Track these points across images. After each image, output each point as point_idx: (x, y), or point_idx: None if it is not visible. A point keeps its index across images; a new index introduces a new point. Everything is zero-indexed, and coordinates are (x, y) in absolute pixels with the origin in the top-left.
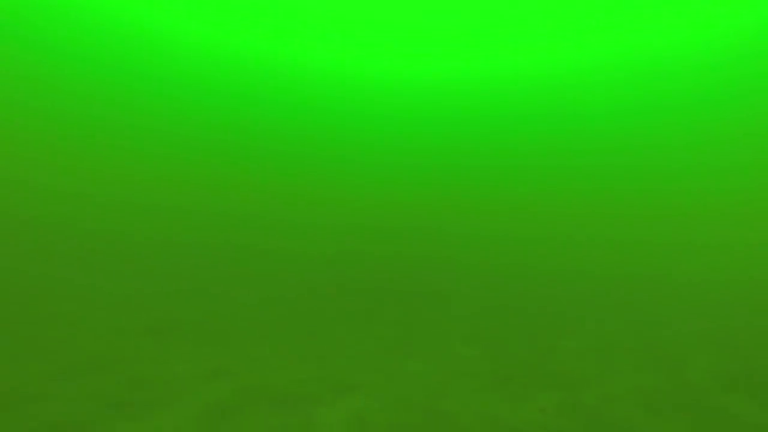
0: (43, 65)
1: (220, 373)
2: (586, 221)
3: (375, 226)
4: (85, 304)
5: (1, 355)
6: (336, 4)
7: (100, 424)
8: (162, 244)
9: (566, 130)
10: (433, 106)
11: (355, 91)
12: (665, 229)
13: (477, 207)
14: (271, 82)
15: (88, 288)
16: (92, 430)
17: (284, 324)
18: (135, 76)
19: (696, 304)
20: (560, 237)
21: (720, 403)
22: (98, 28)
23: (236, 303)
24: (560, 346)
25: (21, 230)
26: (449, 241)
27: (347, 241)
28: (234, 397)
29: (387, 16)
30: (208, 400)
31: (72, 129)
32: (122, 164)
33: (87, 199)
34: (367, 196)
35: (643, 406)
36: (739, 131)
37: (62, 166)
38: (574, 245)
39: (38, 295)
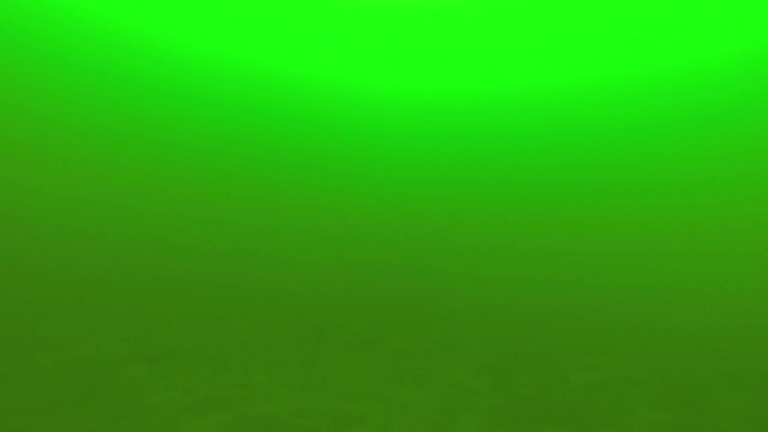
0: (57, 78)
1: (216, 403)
2: (599, 239)
3: (378, 239)
4: (72, 326)
5: None
6: (351, 24)
7: None
8: (155, 263)
9: (573, 146)
10: (439, 122)
11: (362, 106)
12: (682, 246)
13: (483, 223)
14: (281, 97)
15: (75, 309)
16: None
17: (282, 349)
18: (146, 90)
19: (721, 334)
20: (572, 258)
21: None
22: (113, 43)
23: (233, 327)
24: (572, 379)
25: (4, 245)
26: (455, 259)
27: (348, 257)
28: (231, 430)
29: (401, 34)
30: None
31: (83, 139)
32: (121, 171)
33: (79, 210)
34: (374, 209)
35: None
36: (745, 145)
37: (61, 174)
38: (585, 270)
39: (22, 317)
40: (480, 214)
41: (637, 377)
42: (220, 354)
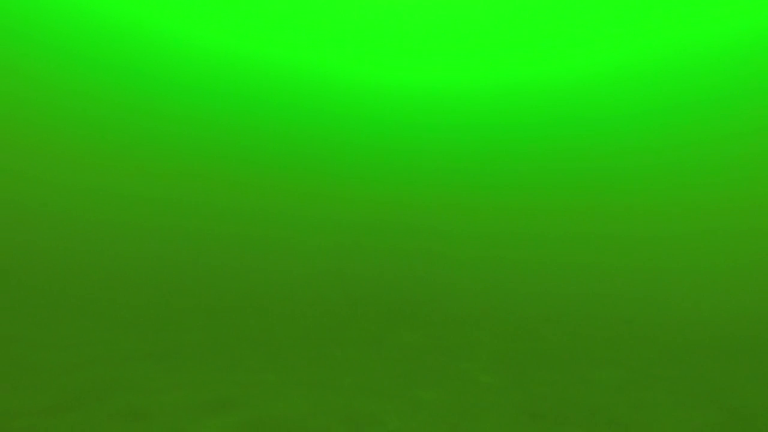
0: (66, 71)
1: (225, 403)
2: (611, 225)
3: (388, 229)
4: (80, 324)
5: None
6: (353, 16)
7: None
8: (162, 257)
9: (569, 135)
10: (441, 112)
11: (367, 97)
12: (695, 228)
13: (492, 211)
14: (289, 88)
15: (83, 306)
16: None
17: (292, 346)
18: (155, 82)
19: (748, 323)
20: (585, 245)
21: None
22: (119, 35)
23: (241, 322)
24: (592, 377)
25: (16, 239)
26: (464, 249)
27: (356, 248)
28: (242, 431)
29: (403, 25)
30: None
31: (97, 133)
32: (130, 163)
33: (88, 204)
34: (383, 198)
35: None
36: (739, 128)
37: (68, 166)
38: (602, 262)
39: (31, 316)
40: (490, 202)
41: (659, 373)
42: (228, 351)
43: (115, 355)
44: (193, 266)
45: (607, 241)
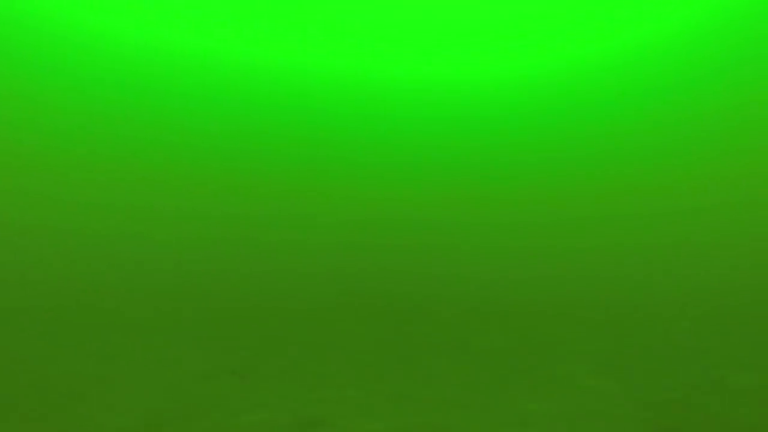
0: (56, 87)
1: (313, 423)
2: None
3: (439, 226)
4: (163, 342)
5: (73, 402)
6: (350, 11)
7: None
8: (237, 272)
9: (572, 123)
10: (440, 104)
11: (364, 92)
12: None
13: (499, 204)
14: (284, 86)
15: (166, 323)
16: None
17: (371, 358)
18: (149, 92)
19: None
20: (604, 233)
21: None
22: (108, 46)
23: (317, 335)
24: (733, 383)
25: (93, 262)
26: (536, 238)
27: (367, 250)
28: None
29: (401, 17)
30: None
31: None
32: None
33: (159, 222)
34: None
35: None
36: (730, 103)
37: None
38: (622, 243)
39: (119, 336)
40: (494, 193)
41: None
42: (309, 367)
43: (198, 375)
44: (266, 280)
45: (621, 222)
